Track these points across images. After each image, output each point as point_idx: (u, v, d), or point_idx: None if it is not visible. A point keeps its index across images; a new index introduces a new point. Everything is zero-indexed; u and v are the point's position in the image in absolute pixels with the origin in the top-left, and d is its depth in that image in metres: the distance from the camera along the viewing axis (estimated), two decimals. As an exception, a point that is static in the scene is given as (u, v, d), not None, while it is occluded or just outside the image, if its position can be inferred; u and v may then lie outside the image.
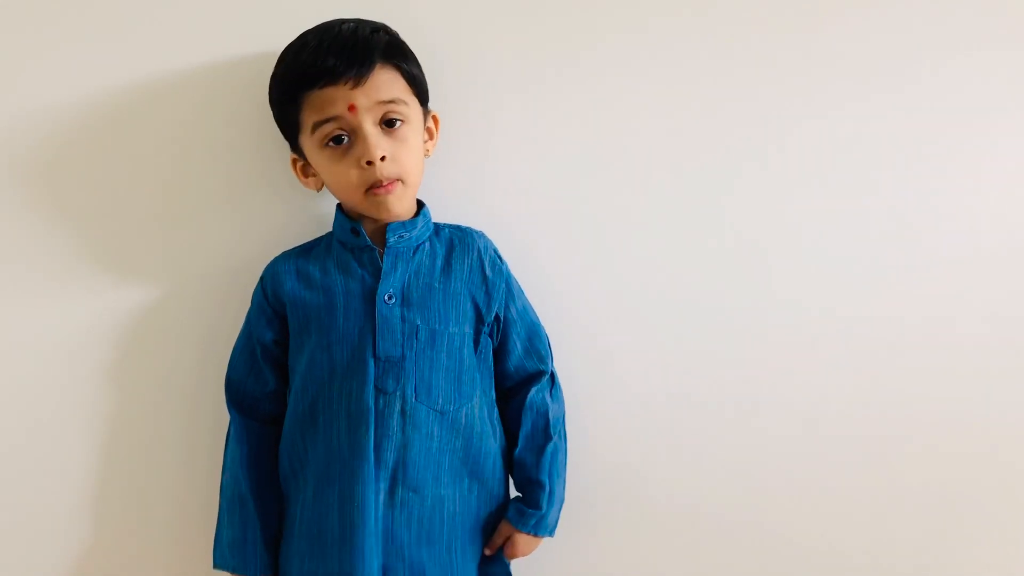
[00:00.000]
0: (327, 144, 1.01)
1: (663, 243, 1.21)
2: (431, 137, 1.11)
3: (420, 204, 1.11)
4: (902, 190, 1.22)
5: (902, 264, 1.22)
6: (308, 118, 1.01)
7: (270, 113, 1.08)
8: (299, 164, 1.08)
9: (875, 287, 1.22)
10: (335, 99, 0.99)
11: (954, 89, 1.21)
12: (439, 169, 1.14)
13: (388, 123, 1.01)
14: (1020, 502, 1.25)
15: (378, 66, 1.00)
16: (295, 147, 1.06)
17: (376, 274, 1.04)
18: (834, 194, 1.21)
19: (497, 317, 1.10)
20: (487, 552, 1.09)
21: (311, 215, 1.14)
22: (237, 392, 1.08)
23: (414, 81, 1.05)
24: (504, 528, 1.09)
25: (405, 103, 1.03)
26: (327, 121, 1.00)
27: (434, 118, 1.11)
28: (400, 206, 1.04)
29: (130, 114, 1.11)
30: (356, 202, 1.04)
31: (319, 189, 1.08)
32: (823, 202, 1.21)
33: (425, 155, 1.09)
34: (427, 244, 1.08)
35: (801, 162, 1.21)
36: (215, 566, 1.08)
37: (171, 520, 1.16)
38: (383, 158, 1.00)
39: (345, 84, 0.98)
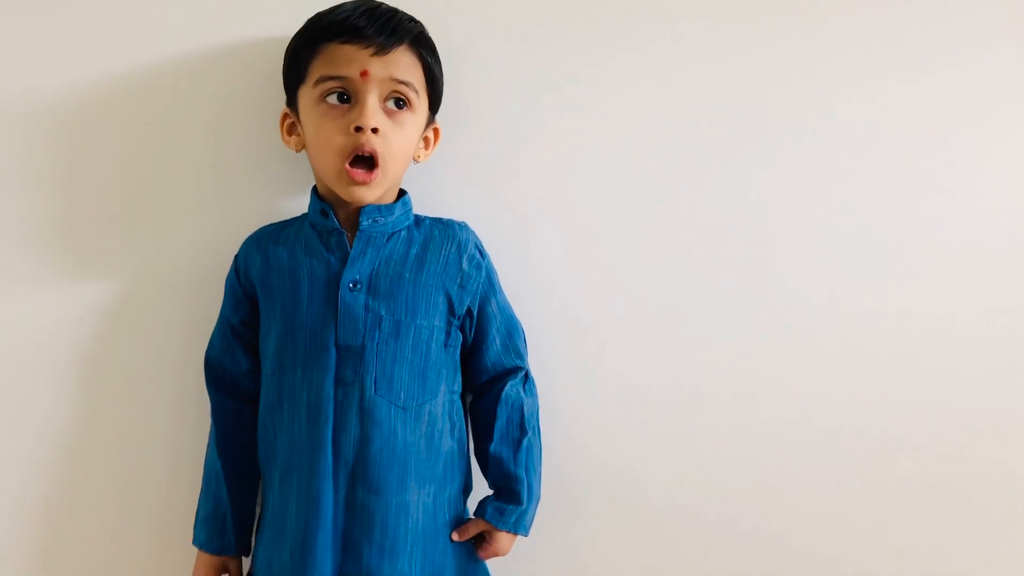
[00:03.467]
0: (325, 99, 0.99)
1: (662, 239, 1.18)
2: (427, 146, 1.08)
3: (402, 192, 1.07)
4: (908, 185, 1.19)
5: (906, 260, 1.20)
6: (317, 69, 0.99)
7: (252, 104, 1.09)
8: (287, 121, 1.06)
9: (876, 284, 1.20)
10: (352, 59, 0.97)
11: (963, 85, 1.18)
12: (429, 164, 1.11)
13: (395, 103, 0.99)
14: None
15: (404, 46, 0.99)
16: (291, 100, 1.04)
17: (344, 259, 1.01)
18: (837, 190, 1.19)
19: (470, 311, 1.05)
20: (455, 538, 1.04)
21: (292, 203, 1.12)
22: (215, 370, 1.08)
23: (432, 79, 1.03)
24: (479, 524, 1.05)
25: (416, 92, 1.01)
26: (334, 78, 0.98)
27: (435, 130, 1.09)
28: (368, 196, 1.00)
29: (106, 106, 1.10)
30: (330, 172, 1.00)
31: (298, 150, 1.06)
32: (824, 197, 1.19)
33: (415, 160, 1.06)
34: (404, 232, 1.04)
35: (805, 159, 1.18)
36: (193, 542, 1.08)
37: (157, 506, 1.16)
38: (375, 130, 0.97)
39: (367, 48, 0.97)
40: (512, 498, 1.05)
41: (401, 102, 0.99)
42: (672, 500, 1.19)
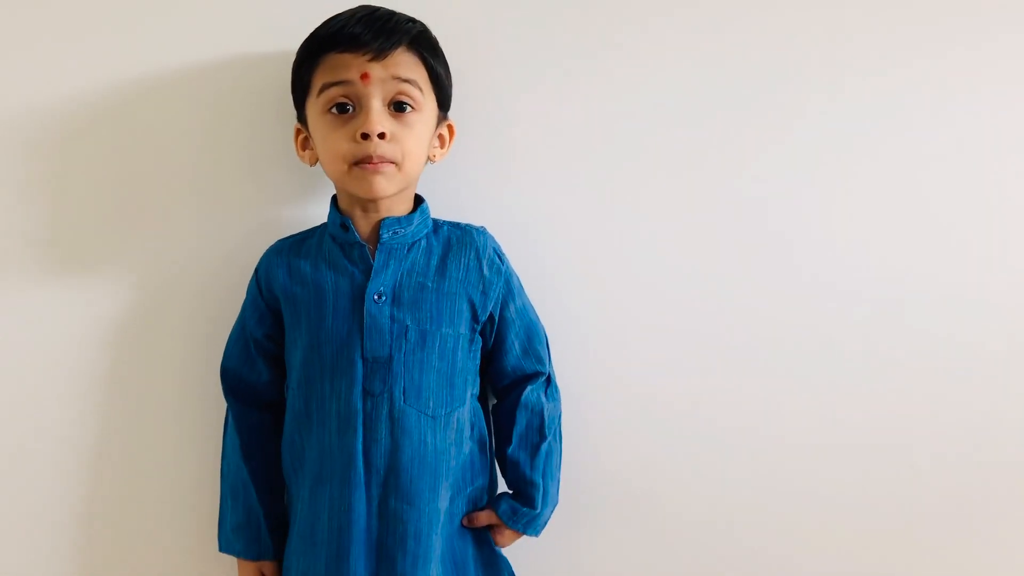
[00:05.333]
0: (329, 110, 0.98)
1: (682, 242, 1.17)
2: (442, 145, 1.08)
3: (419, 200, 1.07)
4: (918, 188, 1.18)
5: (917, 266, 1.19)
6: (319, 79, 0.99)
7: (268, 109, 1.09)
8: (301, 136, 1.06)
9: (888, 290, 1.19)
10: (350, 65, 0.97)
11: (991, 77, 1.17)
12: (446, 167, 1.11)
13: (398, 106, 0.99)
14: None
15: (402, 47, 0.99)
16: (301, 115, 1.04)
17: (367, 272, 1.01)
18: (863, 188, 1.18)
19: (491, 317, 1.06)
20: (464, 522, 1.06)
21: (310, 211, 1.12)
22: (233, 381, 1.08)
23: (436, 78, 1.02)
24: (491, 516, 1.07)
25: (420, 90, 1.00)
26: (336, 84, 0.97)
27: (450, 127, 1.08)
28: (386, 188, 0.99)
29: (124, 110, 1.10)
30: (340, 176, 1.00)
31: (312, 164, 1.06)
32: (836, 203, 1.18)
33: (430, 160, 1.05)
34: (423, 241, 1.04)
35: (815, 161, 1.17)
36: (221, 549, 1.09)
37: (172, 509, 1.16)
38: (382, 135, 0.96)
39: (365, 55, 0.96)
40: (527, 501, 1.06)
41: (406, 105, 0.99)
42: (685, 507, 1.20)
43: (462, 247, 1.05)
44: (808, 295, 1.19)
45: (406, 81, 0.98)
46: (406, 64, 0.99)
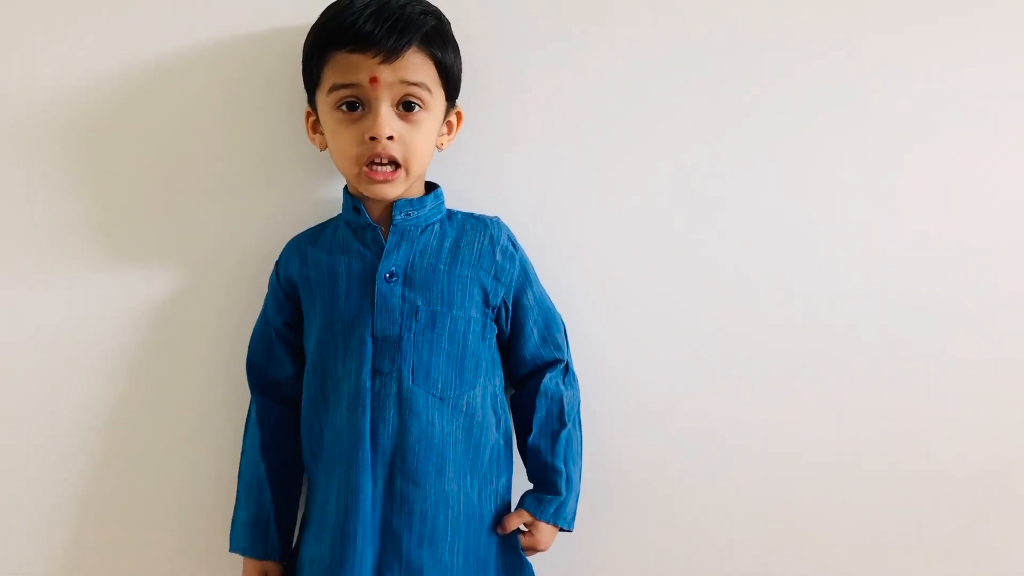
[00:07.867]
0: (339, 107, 1.00)
1: (683, 235, 1.17)
2: (450, 132, 1.09)
3: (432, 186, 1.09)
4: (918, 191, 1.18)
5: (920, 266, 1.18)
6: (328, 77, 1.00)
7: (291, 99, 1.11)
8: (311, 119, 1.07)
9: (893, 289, 1.18)
10: (360, 67, 0.97)
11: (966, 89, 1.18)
12: (456, 158, 1.13)
13: (406, 106, 1.00)
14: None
15: (413, 48, 0.99)
16: (311, 100, 1.06)
17: (379, 253, 1.02)
18: (879, 183, 1.18)
19: (505, 304, 1.06)
20: (500, 531, 1.04)
21: (331, 201, 1.14)
22: (258, 375, 1.09)
23: (446, 72, 1.03)
24: (521, 515, 1.05)
25: (429, 90, 1.01)
26: (345, 87, 0.98)
27: (458, 115, 1.09)
28: (393, 192, 1.02)
29: (146, 97, 1.12)
30: (350, 175, 1.03)
31: (323, 149, 1.07)
32: (866, 190, 1.18)
33: (438, 148, 1.07)
34: (436, 226, 1.06)
35: (825, 160, 1.17)
36: (231, 549, 1.08)
37: (188, 508, 1.16)
38: (390, 137, 0.98)
39: (375, 57, 0.97)
40: (550, 488, 1.05)
41: (414, 104, 1.00)
42: (705, 505, 1.18)
43: (476, 233, 1.06)
44: (831, 287, 1.18)
45: (415, 84, 0.99)
46: (416, 66, 0.99)
